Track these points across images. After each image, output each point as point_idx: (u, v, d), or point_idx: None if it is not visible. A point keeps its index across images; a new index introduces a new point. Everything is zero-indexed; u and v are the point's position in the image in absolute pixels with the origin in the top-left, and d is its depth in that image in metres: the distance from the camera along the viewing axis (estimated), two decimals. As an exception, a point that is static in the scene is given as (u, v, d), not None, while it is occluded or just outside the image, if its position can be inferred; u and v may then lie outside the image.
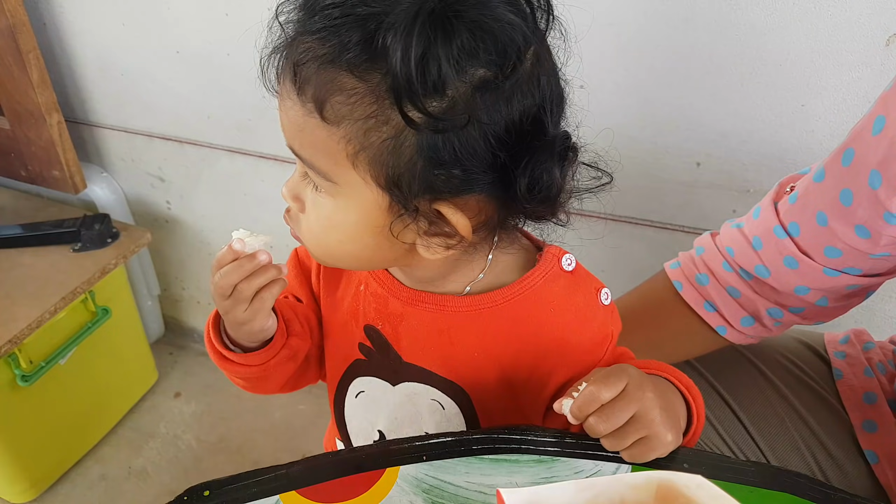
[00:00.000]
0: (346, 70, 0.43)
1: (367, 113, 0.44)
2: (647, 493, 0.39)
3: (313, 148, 0.47)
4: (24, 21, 1.26)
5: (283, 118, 0.49)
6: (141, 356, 1.62)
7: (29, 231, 1.41)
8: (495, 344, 0.56)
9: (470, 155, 0.45)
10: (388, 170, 0.46)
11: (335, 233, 0.51)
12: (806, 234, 0.65)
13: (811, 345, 0.80)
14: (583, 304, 0.57)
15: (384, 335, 0.60)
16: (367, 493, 0.47)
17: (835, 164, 0.62)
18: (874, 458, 0.70)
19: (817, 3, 0.84)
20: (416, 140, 0.44)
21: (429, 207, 0.47)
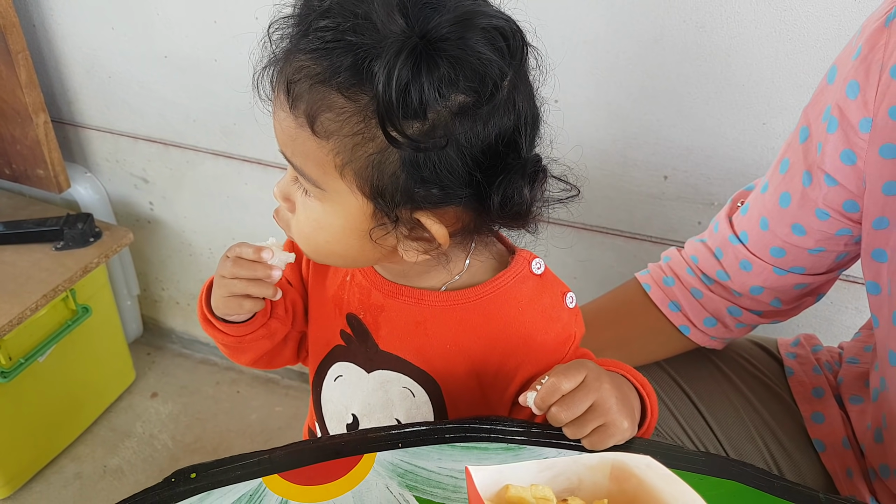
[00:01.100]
0: (336, 91, 0.47)
1: (354, 130, 0.47)
2: (602, 473, 0.42)
3: (304, 157, 0.51)
4: (14, 22, 1.27)
5: (276, 126, 0.52)
6: (119, 355, 1.63)
7: (11, 229, 1.42)
8: (466, 337, 0.60)
9: (448, 172, 0.48)
10: (373, 181, 0.49)
11: (323, 234, 0.54)
12: (753, 239, 0.72)
13: (766, 347, 0.86)
14: (549, 305, 0.61)
15: (365, 324, 0.63)
16: (346, 476, 0.51)
17: (775, 174, 0.70)
18: (822, 447, 0.76)
19: (778, 28, 0.89)
20: (400, 157, 0.48)
21: (409, 216, 0.51)
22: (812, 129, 0.65)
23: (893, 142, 0.58)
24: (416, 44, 0.44)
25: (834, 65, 0.64)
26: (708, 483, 0.51)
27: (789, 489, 0.50)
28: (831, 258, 0.70)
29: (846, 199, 0.64)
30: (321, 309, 0.68)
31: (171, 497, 0.49)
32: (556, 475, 0.42)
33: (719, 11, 0.91)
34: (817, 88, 0.67)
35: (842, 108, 0.61)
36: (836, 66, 0.64)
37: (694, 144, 1.02)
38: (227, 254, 0.59)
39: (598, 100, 1.03)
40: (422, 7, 0.46)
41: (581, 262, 1.19)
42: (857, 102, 0.60)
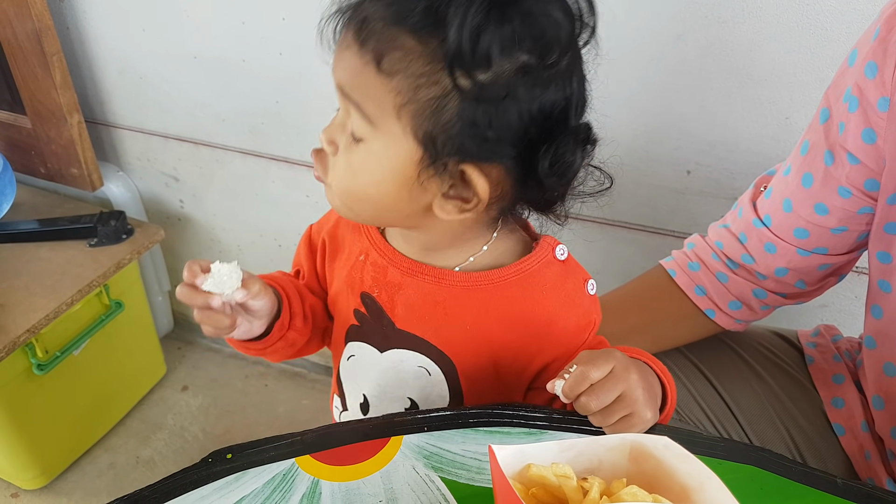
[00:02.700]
0: (408, 31, 0.48)
1: (419, 71, 0.48)
2: (622, 453, 0.44)
3: (364, 93, 0.51)
4: (49, 25, 1.31)
5: (338, 63, 0.53)
6: (150, 349, 1.66)
7: (46, 226, 1.45)
8: (488, 320, 0.61)
9: (502, 127, 0.49)
10: (428, 126, 0.50)
11: (364, 176, 0.54)
12: (777, 221, 0.73)
13: (786, 337, 0.87)
14: (571, 291, 0.62)
15: (379, 302, 0.64)
16: (374, 458, 0.53)
17: (796, 156, 0.72)
18: (841, 431, 0.77)
19: (801, 22, 0.89)
20: (459, 104, 0.49)
21: (455, 168, 0.52)
22: (833, 110, 0.67)
23: None
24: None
25: (854, 48, 0.66)
26: (726, 468, 0.52)
27: (807, 474, 0.51)
28: (853, 237, 0.71)
29: (868, 178, 0.66)
30: (334, 292, 0.69)
31: (208, 476, 0.51)
32: (576, 455, 0.43)
33: (741, 6, 0.91)
34: (838, 71, 0.68)
35: (861, 88, 0.63)
36: (857, 48, 0.65)
37: (716, 139, 1.02)
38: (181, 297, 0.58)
39: (619, 95, 1.04)
40: None
41: (604, 256, 1.20)
42: (875, 82, 0.62)
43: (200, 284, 0.56)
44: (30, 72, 1.37)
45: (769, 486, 0.51)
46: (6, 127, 1.50)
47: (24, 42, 1.33)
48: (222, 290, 0.56)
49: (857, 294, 1.05)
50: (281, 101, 1.30)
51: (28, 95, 1.42)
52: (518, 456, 0.42)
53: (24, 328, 1.25)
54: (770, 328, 0.88)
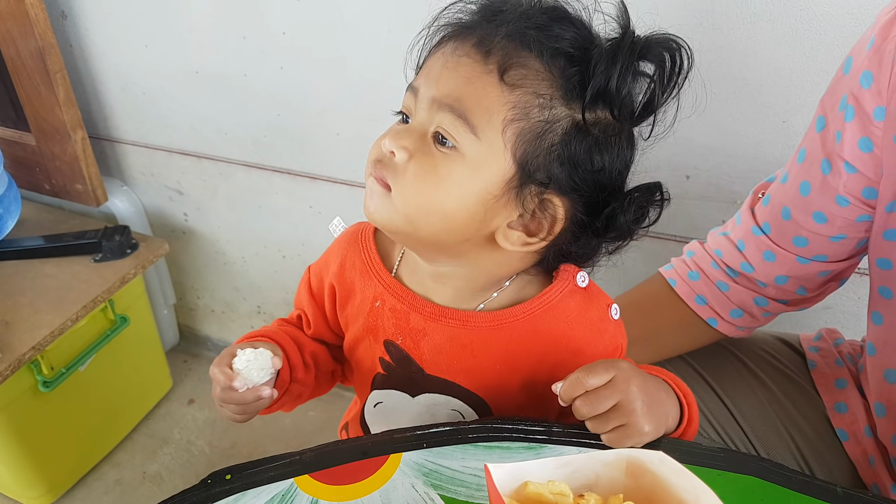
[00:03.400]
0: (538, 55, 0.50)
1: (540, 92, 0.51)
2: (618, 469, 0.44)
3: (475, 101, 0.51)
4: (52, 43, 1.32)
5: (443, 72, 0.53)
6: (156, 363, 1.67)
7: (51, 242, 1.47)
8: (516, 356, 0.61)
9: (598, 166, 0.53)
10: (529, 147, 0.52)
11: (446, 185, 0.53)
12: (775, 229, 0.73)
13: (788, 341, 0.87)
14: (596, 318, 0.62)
15: (404, 349, 0.63)
16: (373, 476, 0.53)
17: (793, 164, 0.72)
18: (845, 436, 0.77)
19: (795, 27, 0.89)
20: (565, 133, 0.51)
21: (534, 197, 0.53)
22: (829, 118, 0.67)
23: None
24: (638, 46, 0.50)
25: (849, 55, 0.66)
26: (726, 478, 0.52)
27: (807, 483, 0.51)
28: (852, 244, 0.71)
29: (865, 186, 0.66)
30: (354, 339, 0.68)
31: (207, 498, 0.52)
32: (573, 472, 0.44)
33: (735, 13, 0.91)
34: (833, 78, 0.68)
35: (857, 98, 0.63)
36: (852, 56, 0.65)
37: (715, 144, 1.02)
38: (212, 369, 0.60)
39: (618, 103, 1.04)
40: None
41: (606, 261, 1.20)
42: (871, 91, 0.62)
43: (241, 388, 0.57)
44: (34, 89, 1.38)
45: (769, 496, 0.50)
46: (11, 144, 1.52)
47: (28, 60, 1.34)
48: (260, 379, 0.58)
49: (861, 296, 1.05)
50: (282, 113, 1.31)
51: (32, 113, 1.43)
52: (514, 474, 0.42)
53: (29, 345, 1.25)
54: (772, 332, 0.88)
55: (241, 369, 0.57)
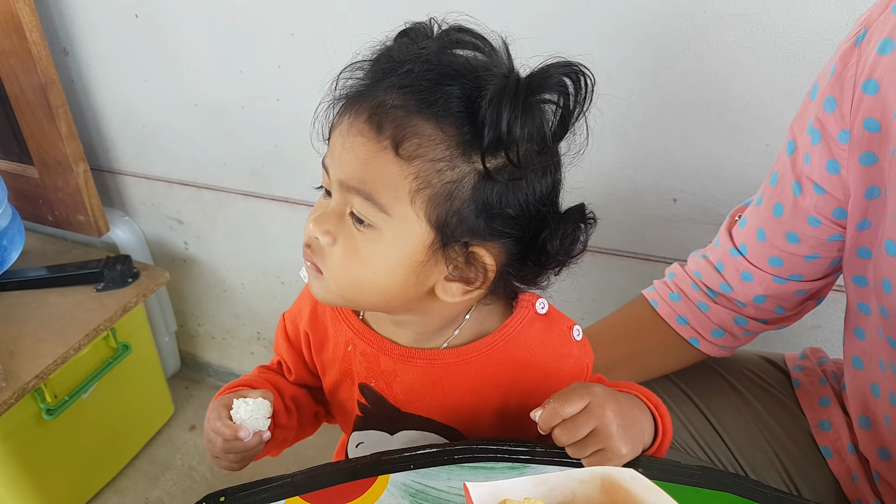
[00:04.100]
0: (429, 120, 0.50)
1: (438, 157, 0.50)
2: (594, 486, 0.45)
3: (376, 181, 0.52)
4: (54, 79, 1.36)
5: (344, 154, 0.53)
6: (158, 390, 1.69)
7: (55, 272, 1.49)
8: (485, 387, 0.62)
9: (514, 207, 0.53)
10: (442, 209, 0.52)
11: (371, 264, 0.54)
12: (752, 250, 0.75)
13: (773, 361, 0.88)
14: (559, 343, 0.63)
15: (378, 391, 0.65)
16: (362, 497, 0.54)
17: (767, 187, 0.74)
18: (829, 453, 0.78)
19: (774, 53, 0.92)
20: (473, 187, 0.51)
21: (462, 249, 0.54)
22: (798, 141, 0.69)
23: (870, 150, 0.62)
24: (522, 86, 0.49)
25: (815, 82, 0.68)
26: (704, 495, 0.53)
27: (782, 499, 0.53)
28: (826, 264, 0.73)
29: (835, 207, 0.68)
30: (332, 383, 0.70)
31: (202, 520, 0.53)
32: (550, 490, 0.45)
33: (715, 40, 0.94)
34: (802, 104, 0.71)
35: (822, 122, 0.65)
36: (818, 83, 0.68)
37: (700, 167, 1.04)
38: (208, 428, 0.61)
39: (605, 128, 1.06)
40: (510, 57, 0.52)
41: (598, 283, 1.22)
42: (835, 116, 0.64)
43: (246, 437, 0.59)
44: (36, 124, 1.41)
45: (744, 512, 0.52)
46: (14, 177, 1.55)
47: (31, 96, 1.37)
48: (264, 426, 0.60)
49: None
50: (279, 144, 1.34)
51: (35, 146, 1.46)
52: (493, 492, 0.44)
53: (32, 374, 1.27)
54: (758, 352, 0.90)
55: (245, 419, 0.59)
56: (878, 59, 0.59)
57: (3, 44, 1.32)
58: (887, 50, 0.59)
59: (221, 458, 0.63)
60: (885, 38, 0.59)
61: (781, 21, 0.90)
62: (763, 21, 0.91)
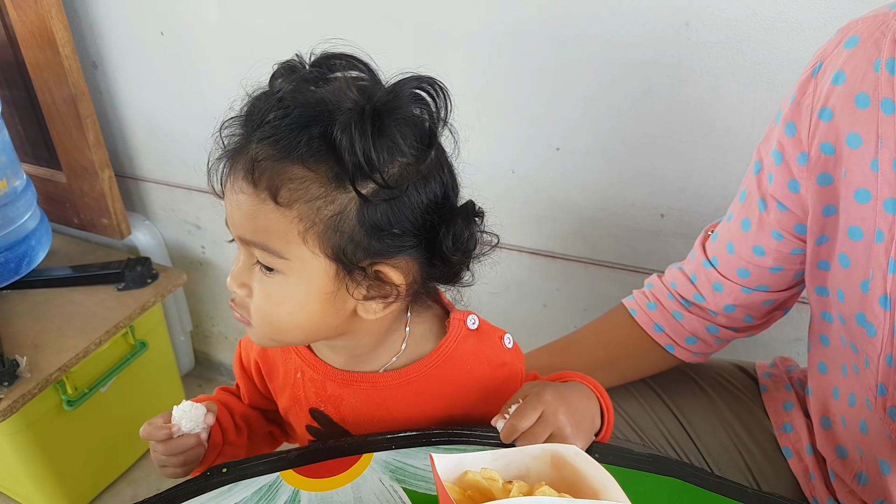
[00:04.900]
0: (297, 163, 0.52)
1: (315, 195, 0.52)
2: (544, 462, 0.51)
3: (266, 231, 0.54)
4: (83, 91, 1.44)
5: (233, 211, 0.56)
6: (172, 387, 1.75)
7: (78, 272, 1.56)
8: (428, 404, 0.66)
9: (401, 221, 0.55)
10: (335, 240, 0.54)
11: (286, 306, 0.57)
12: (722, 262, 0.81)
13: (745, 368, 0.93)
14: (492, 354, 0.67)
15: (328, 414, 0.68)
16: (347, 471, 0.61)
17: (736, 204, 0.80)
18: (789, 454, 0.83)
19: (754, 80, 0.98)
20: (357, 214, 0.53)
21: (369, 270, 0.56)
22: (763, 162, 0.75)
23: (826, 171, 0.67)
24: (368, 112, 0.51)
25: (780, 108, 0.73)
26: (652, 479, 0.59)
27: (721, 485, 0.59)
28: (790, 275, 0.78)
29: (796, 223, 0.73)
30: (284, 409, 0.73)
31: (206, 486, 0.60)
32: (507, 464, 0.51)
33: (699, 66, 1.00)
34: (768, 127, 0.76)
35: (783, 145, 0.71)
36: (781, 109, 0.73)
37: (685, 185, 1.10)
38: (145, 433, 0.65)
39: (595, 147, 1.13)
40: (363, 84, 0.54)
41: (590, 293, 1.28)
42: (794, 140, 0.69)
43: (176, 433, 0.64)
44: (66, 132, 1.49)
45: (687, 495, 0.58)
46: (44, 182, 1.63)
47: (62, 106, 1.46)
48: (190, 430, 0.65)
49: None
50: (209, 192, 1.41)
51: (64, 153, 1.54)
52: (456, 464, 0.50)
53: (56, 366, 1.34)
54: (732, 360, 0.95)
55: (178, 419, 0.64)
56: (832, 89, 0.65)
57: (37, 58, 1.41)
58: (840, 81, 0.64)
59: (166, 464, 0.66)
60: (838, 70, 0.64)
61: (761, 49, 0.96)
62: (744, 49, 0.97)
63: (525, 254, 1.29)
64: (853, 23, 0.66)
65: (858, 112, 0.63)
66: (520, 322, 1.38)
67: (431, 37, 1.15)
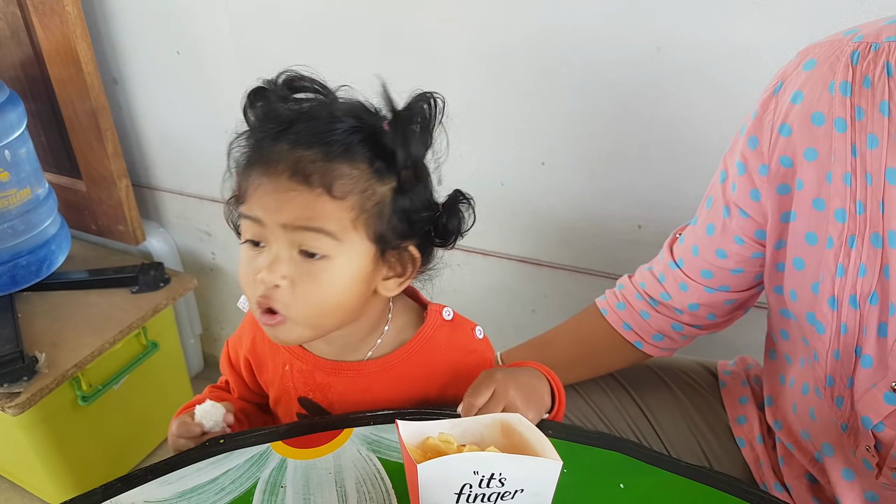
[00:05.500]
0: (344, 163, 0.61)
1: (363, 188, 0.61)
2: (495, 429, 0.59)
3: (323, 217, 0.61)
4: (104, 105, 1.53)
5: (284, 203, 0.61)
6: (181, 387, 1.82)
7: (95, 276, 1.63)
8: (407, 388, 0.73)
9: (422, 207, 0.66)
10: (376, 226, 0.63)
11: (335, 287, 0.63)
12: (687, 263, 0.87)
13: (707, 366, 1.00)
14: (464, 342, 0.76)
15: (316, 402, 0.75)
16: (330, 443, 0.68)
17: (702, 209, 0.86)
18: (743, 443, 0.90)
19: (723, 103, 1.05)
20: (392, 202, 0.63)
21: (395, 251, 0.65)
22: (728, 172, 0.80)
23: (785, 182, 0.73)
24: (405, 119, 0.62)
25: (744, 122, 0.79)
26: (597, 452, 0.66)
27: (658, 458, 0.66)
28: (750, 277, 0.83)
29: (757, 229, 0.79)
30: (274, 400, 0.80)
31: (205, 454, 0.68)
32: (463, 431, 0.59)
33: (671, 89, 1.07)
34: (733, 139, 0.81)
35: (746, 157, 0.76)
36: (745, 123, 0.78)
37: (661, 199, 1.18)
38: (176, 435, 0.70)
39: (577, 162, 1.21)
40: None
41: (575, 299, 1.35)
42: (756, 152, 0.75)
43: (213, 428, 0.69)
44: (87, 144, 1.58)
45: (628, 466, 0.65)
46: (65, 190, 1.71)
47: (83, 119, 1.54)
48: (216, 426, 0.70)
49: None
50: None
51: (84, 163, 1.62)
52: (418, 430, 0.57)
53: (72, 363, 1.41)
54: (696, 359, 1.02)
55: (199, 417, 0.69)
56: (791, 108, 0.70)
57: (62, 74, 1.50)
58: (798, 100, 0.70)
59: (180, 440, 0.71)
60: (796, 90, 0.70)
61: (727, 73, 1.03)
62: (711, 73, 1.04)
63: (514, 261, 1.37)
64: (812, 46, 0.72)
65: (815, 129, 0.68)
66: (510, 326, 1.45)
67: (427, 59, 1.23)
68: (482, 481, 0.52)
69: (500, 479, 0.52)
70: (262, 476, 0.65)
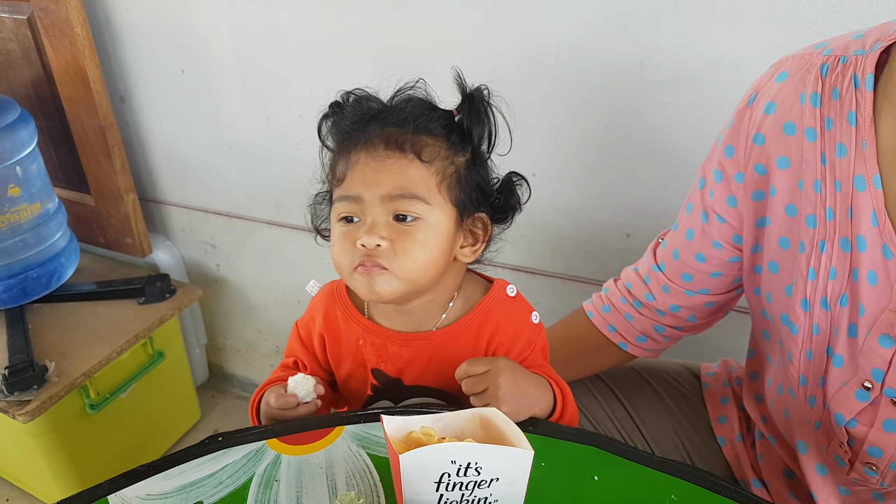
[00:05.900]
0: (427, 135, 0.72)
1: (444, 156, 0.72)
2: (475, 424, 0.63)
3: (415, 183, 0.70)
4: (112, 122, 1.58)
5: (380, 175, 0.71)
6: (187, 396, 1.86)
7: (103, 287, 1.69)
8: (466, 355, 0.77)
9: (488, 180, 0.76)
10: (457, 192, 0.73)
11: (429, 245, 0.71)
12: (668, 267, 0.90)
13: (691, 368, 1.03)
14: (520, 320, 0.80)
15: (387, 373, 0.81)
16: (322, 439, 0.72)
17: (683, 215, 0.89)
18: (723, 442, 0.93)
19: (703, 115, 1.09)
20: (466, 172, 0.73)
21: (470, 218, 0.75)
22: (706, 179, 0.83)
23: (760, 189, 0.76)
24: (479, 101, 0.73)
25: (721, 132, 0.82)
26: (573, 447, 0.70)
27: (630, 452, 0.69)
28: (729, 280, 0.87)
29: (734, 234, 0.82)
30: (345, 373, 0.85)
31: (205, 451, 0.72)
32: (445, 426, 0.63)
33: (654, 102, 1.12)
34: (711, 147, 0.84)
35: (723, 165, 0.80)
36: (722, 133, 0.82)
37: (647, 208, 1.21)
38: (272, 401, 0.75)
39: (566, 173, 1.25)
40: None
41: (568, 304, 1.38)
42: (732, 160, 0.78)
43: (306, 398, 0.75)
44: (95, 160, 1.63)
45: (602, 460, 0.68)
46: (73, 204, 1.76)
47: (92, 136, 1.60)
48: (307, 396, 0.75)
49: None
50: (299, 180, 1.54)
51: (93, 179, 1.68)
52: (402, 424, 0.61)
53: (80, 372, 1.46)
54: (681, 362, 1.06)
55: (291, 388, 0.74)
56: (765, 118, 0.74)
57: (71, 92, 1.55)
58: (771, 110, 0.73)
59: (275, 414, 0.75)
60: (769, 100, 0.73)
61: (707, 86, 1.08)
62: (692, 87, 1.08)
63: (508, 270, 1.41)
64: (784, 59, 0.75)
65: (787, 138, 0.71)
66: (504, 334, 1.49)
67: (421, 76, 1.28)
68: (460, 470, 0.56)
69: (476, 468, 0.56)
70: (257, 471, 0.69)
